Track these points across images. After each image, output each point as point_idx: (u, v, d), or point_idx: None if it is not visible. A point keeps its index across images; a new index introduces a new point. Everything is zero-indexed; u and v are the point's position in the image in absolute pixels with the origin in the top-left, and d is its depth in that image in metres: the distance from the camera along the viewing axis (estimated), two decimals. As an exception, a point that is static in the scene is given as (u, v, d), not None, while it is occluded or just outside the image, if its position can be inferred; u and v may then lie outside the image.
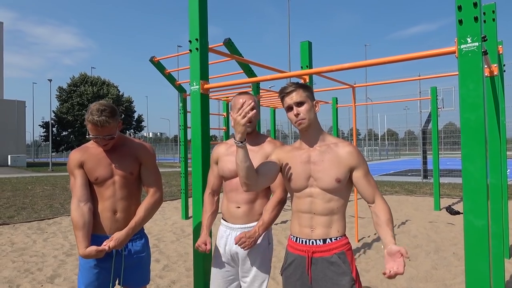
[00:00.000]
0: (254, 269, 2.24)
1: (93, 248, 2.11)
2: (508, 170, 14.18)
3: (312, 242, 1.93)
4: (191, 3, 2.90)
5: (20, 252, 5.37)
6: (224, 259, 2.33)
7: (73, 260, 4.95)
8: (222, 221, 2.42)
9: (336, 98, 9.23)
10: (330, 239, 1.92)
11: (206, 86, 2.89)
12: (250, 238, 2.12)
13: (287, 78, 3.74)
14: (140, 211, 2.27)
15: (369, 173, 1.95)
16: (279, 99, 2.04)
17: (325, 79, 5.72)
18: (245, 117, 1.86)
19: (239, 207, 2.30)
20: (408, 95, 22.26)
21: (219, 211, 2.43)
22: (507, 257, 4.70)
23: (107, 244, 2.13)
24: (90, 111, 2.13)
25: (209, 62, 6.14)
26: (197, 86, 2.88)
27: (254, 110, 1.96)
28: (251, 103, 2.04)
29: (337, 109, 9.27)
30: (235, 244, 2.14)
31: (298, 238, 1.98)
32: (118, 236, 2.16)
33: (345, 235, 1.98)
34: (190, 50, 2.92)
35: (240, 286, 2.34)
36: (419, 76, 14.96)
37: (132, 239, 2.31)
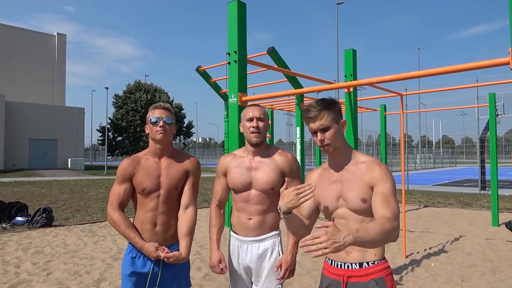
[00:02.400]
0: (268, 279, 2.25)
1: (155, 244, 2.22)
2: None
3: (348, 266, 1.83)
4: (230, 17, 2.91)
5: (71, 254, 5.66)
6: (239, 272, 2.34)
7: (119, 265, 5.12)
8: (232, 233, 2.39)
9: (385, 106, 8.92)
10: (367, 263, 1.80)
11: (244, 98, 2.88)
12: (291, 264, 2.19)
13: (330, 90, 3.64)
14: (189, 230, 2.30)
15: (392, 197, 1.74)
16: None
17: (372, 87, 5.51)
18: (299, 200, 1.71)
19: (250, 219, 2.27)
20: (465, 101, 21.00)
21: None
22: None
23: (165, 254, 2.19)
24: (152, 105, 2.37)
25: (253, 71, 6.15)
26: (235, 99, 2.88)
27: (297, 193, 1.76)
28: (312, 187, 1.73)
29: (385, 116, 8.95)
30: (279, 279, 2.18)
31: (333, 261, 1.89)
32: (177, 255, 2.20)
33: (384, 258, 1.85)
34: (229, 63, 2.92)
35: None
36: (477, 81, 14.10)
37: (171, 249, 2.33)
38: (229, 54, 2.93)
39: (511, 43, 1.77)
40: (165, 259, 2.19)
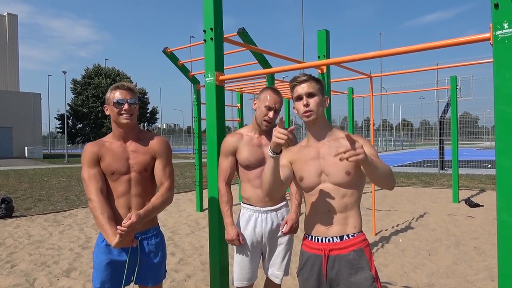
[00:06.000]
0: (285, 244, 2.55)
1: (118, 237, 2.02)
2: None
3: (329, 240, 1.87)
4: (205, -8, 2.80)
5: (36, 245, 5.41)
6: (250, 241, 2.49)
7: (89, 253, 4.96)
8: (245, 205, 2.55)
9: (352, 89, 9.05)
10: (347, 235, 1.86)
11: (221, 77, 2.80)
12: (296, 222, 2.51)
13: (304, 69, 3.62)
14: (156, 199, 2.19)
15: (378, 158, 1.81)
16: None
17: (340, 69, 5.64)
18: (283, 139, 1.68)
19: None
20: (425, 84, 21.76)
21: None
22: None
23: (126, 224, 1.98)
24: (113, 86, 2.23)
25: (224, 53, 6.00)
26: (212, 78, 2.79)
27: (291, 131, 1.85)
28: (291, 129, 1.85)
29: (352, 99, 9.09)
30: (285, 233, 2.49)
31: (314, 237, 1.92)
32: (137, 213, 2.03)
33: (362, 231, 1.92)
34: (205, 40, 2.82)
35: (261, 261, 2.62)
36: (437, 65, 14.59)
37: (147, 237, 2.25)
38: (205, 31, 2.82)
39: (492, 19, 1.80)
40: (123, 232, 1.99)
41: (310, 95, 1.88)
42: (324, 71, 4.30)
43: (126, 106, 2.16)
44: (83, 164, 2.21)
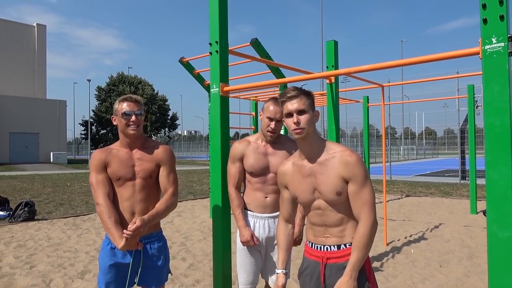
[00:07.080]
0: None
1: (124, 240, 2.15)
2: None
3: (327, 248, 1.93)
4: (211, 6, 2.92)
5: (55, 247, 5.62)
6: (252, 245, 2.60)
7: (104, 256, 5.12)
8: (245, 211, 2.63)
9: (367, 97, 9.02)
10: (345, 245, 1.90)
11: (226, 88, 2.90)
12: (299, 235, 2.66)
13: (312, 80, 3.69)
14: (160, 205, 2.31)
15: (365, 188, 1.82)
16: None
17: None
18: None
19: (267, 197, 2.58)
20: (446, 92, 21.37)
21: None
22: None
23: (131, 228, 2.13)
24: (121, 97, 2.36)
25: (235, 62, 6.14)
26: (217, 89, 2.89)
27: None
28: None
29: (368, 108, 9.06)
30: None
31: (314, 244, 1.99)
32: (141, 218, 2.17)
33: None
34: (210, 53, 2.93)
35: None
36: (457, 73, 14.34)
37: (150, 241, 2.35)
38: (210, 44, 2.94)
39: (481, 34, 1.83)
40: (128, 236, 2.13)
41: (300, 112, 1.83)
42: (333, 81, 4.35)
43: (133, 118, 2.29)
44: (91, 170, 2.34)
